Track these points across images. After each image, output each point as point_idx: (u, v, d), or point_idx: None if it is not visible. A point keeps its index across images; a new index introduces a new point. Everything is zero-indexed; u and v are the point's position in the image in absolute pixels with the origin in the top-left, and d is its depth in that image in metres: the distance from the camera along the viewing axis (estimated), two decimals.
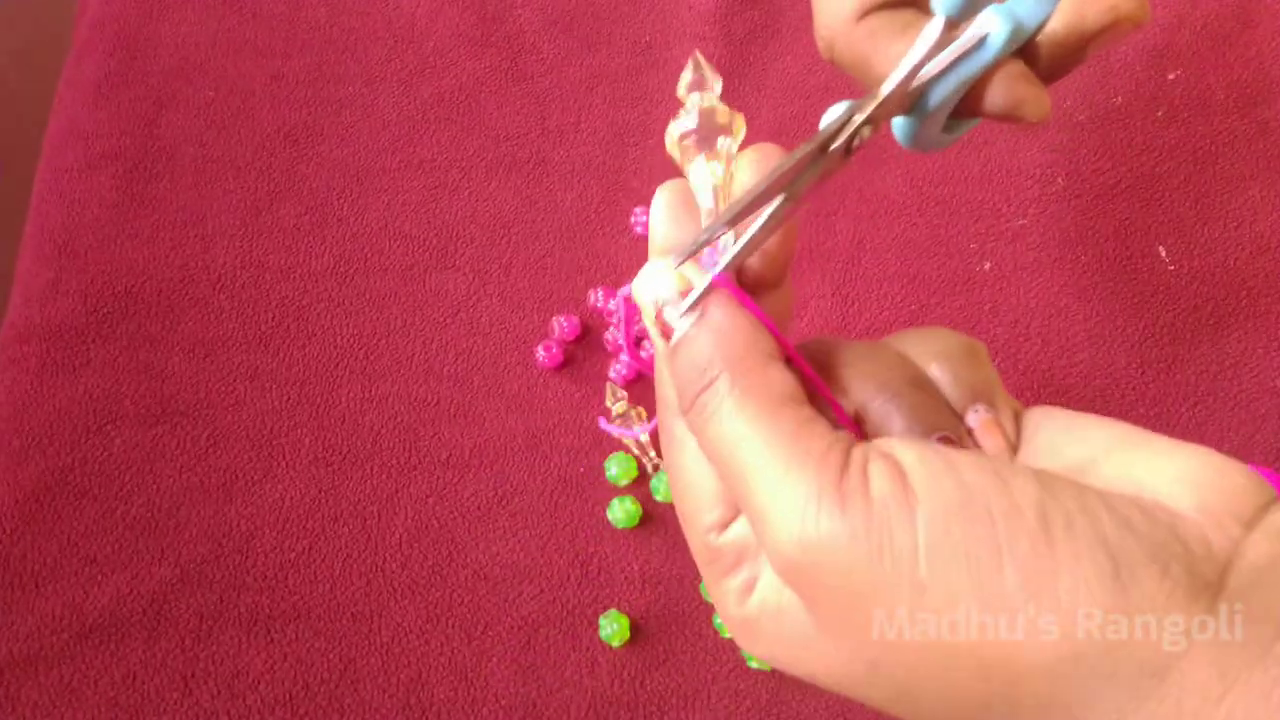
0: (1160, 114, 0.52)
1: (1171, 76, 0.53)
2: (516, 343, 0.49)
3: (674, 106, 0.54)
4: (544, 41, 0.56)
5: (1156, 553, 0.20)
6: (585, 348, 0.49)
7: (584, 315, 0.50)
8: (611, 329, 0.49)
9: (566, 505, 0.46)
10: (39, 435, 0.47)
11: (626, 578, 0.44)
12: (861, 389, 0.25)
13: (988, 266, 0.50)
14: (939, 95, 0.28)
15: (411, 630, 0.44)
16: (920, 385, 0.25)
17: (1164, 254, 0.50)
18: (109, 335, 0.49)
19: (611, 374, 0.48)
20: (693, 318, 0.24)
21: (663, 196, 0.26)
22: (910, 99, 0.28)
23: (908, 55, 0.26)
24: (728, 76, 0.55)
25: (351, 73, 0.56)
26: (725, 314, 0.24)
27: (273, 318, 0.50)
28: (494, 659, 0.43)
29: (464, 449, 0.47)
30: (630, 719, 0.42)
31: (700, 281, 0.24)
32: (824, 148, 0.25)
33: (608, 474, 0.46)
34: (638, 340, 0.49)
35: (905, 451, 0.22)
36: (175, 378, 0.48)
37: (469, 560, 0.45)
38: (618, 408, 0.46)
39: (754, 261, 0.25)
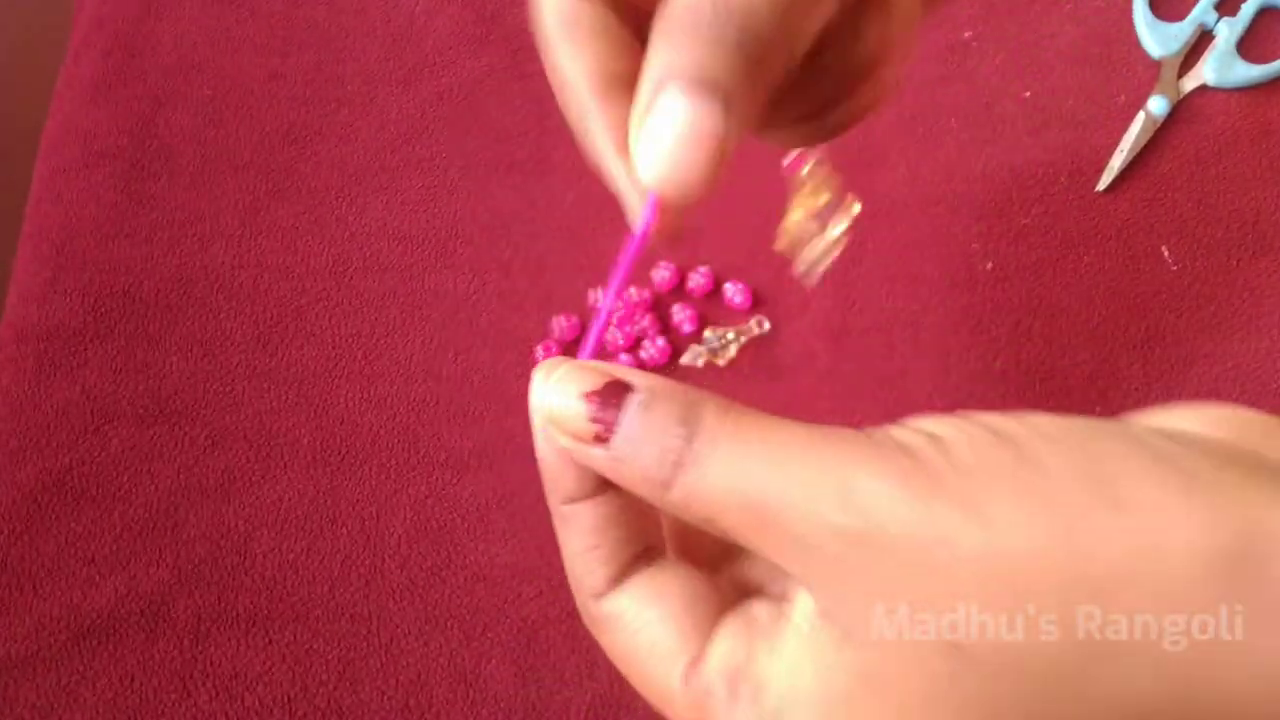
0: None
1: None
2: (516, 343, 0.49)
3: None
4: None
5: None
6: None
7: (584, 315, 0.49)
8: (612, 329, 0.48)
9: None
10: (37, 435, 0.47)
11: None
12: None
13: (990, 266, 0.50)
14: None
15: (410, 631, 0.44)
16: None
17: (1167, 254, 0.49)
18: (107, 335, 0.49)
19: None
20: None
21: None
22: None
23: None
24: None
25: (350, 71, 0.56)
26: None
27: (271, 317, 0.50)
28: (493, 660, 0.43)
29: (463, 449, 0.47)
30: None
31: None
32: None
33: None
34: (637, 340, 0.48)
35: None
36: (173, 377, 0.48)
37: (468, 561, 0.45)
38: None
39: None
